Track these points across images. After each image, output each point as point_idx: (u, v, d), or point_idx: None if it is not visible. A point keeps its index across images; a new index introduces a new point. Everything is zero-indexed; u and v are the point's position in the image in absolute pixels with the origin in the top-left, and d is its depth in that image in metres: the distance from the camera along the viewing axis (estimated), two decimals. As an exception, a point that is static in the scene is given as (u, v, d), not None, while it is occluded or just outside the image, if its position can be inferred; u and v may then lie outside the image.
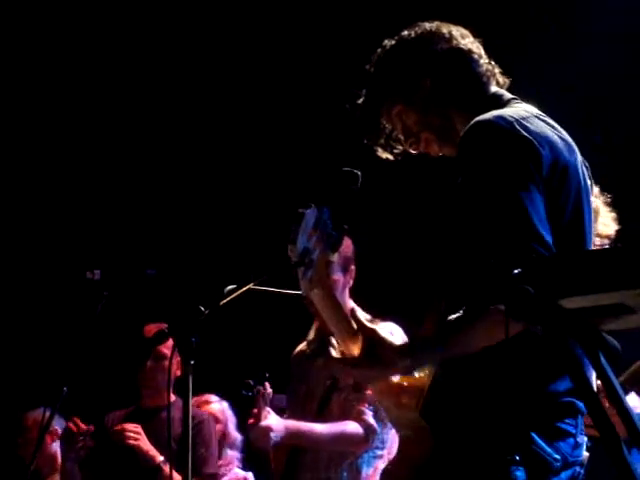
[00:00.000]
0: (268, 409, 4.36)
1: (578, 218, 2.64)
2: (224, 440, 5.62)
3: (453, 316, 2.60)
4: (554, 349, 1.96)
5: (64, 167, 7.39)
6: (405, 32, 2.93)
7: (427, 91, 2.85)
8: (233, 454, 5.69)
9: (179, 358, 4.89)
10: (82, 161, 7.37)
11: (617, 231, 3.87)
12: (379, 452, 4.46)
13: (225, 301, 3.25)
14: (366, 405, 4.36)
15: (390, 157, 2.99)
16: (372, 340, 2.71)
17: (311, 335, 4.67)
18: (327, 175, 3.03)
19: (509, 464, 2.53)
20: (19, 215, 7.45)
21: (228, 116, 7.13)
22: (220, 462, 5.44)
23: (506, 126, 2.59)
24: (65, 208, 7.41)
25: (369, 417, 4.38)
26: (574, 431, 2.63)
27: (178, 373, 4.72)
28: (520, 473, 2.52)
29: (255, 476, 5.77)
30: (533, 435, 2.55)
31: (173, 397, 4.42)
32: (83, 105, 7.29)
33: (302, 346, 4.71)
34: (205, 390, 5.63)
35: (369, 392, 4.22)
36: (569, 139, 2.73)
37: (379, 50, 2.95)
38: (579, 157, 2.74)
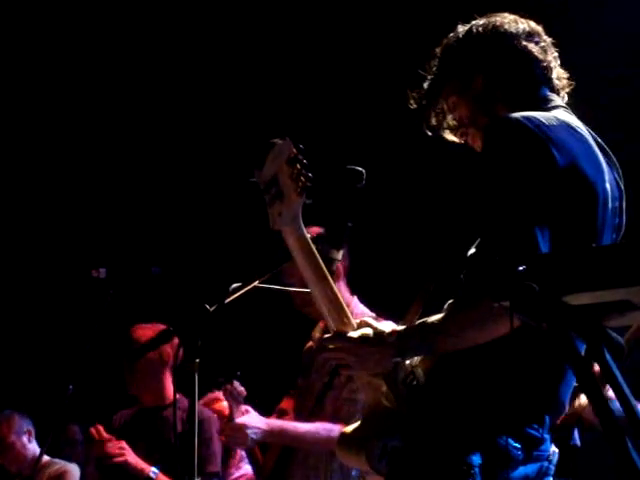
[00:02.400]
0: (246, 408, 4.34)
1: (599, 229, 2.63)
2: None
3: (450, 301, 2.63)
4: (557, 345, 1.96)
5: (70, 166, 7.40)
6: (474, 23, 2.91)
7: (478, 89, 2.85)
8: (242, 452, 5.69)
9: (169, 350, 4.93)
10: (88, 160, 7.38)
11: None
12: None
13: (230, 299, 3.25)
14: (357, 406, 4.36)
15: (454, 139, 2.97)
16: (364, 323, 2.78)
17: (317, 332, 4.67)
18: (332, 173, 3.03)
19: (465, 450, 2.56)
20: (25, 214, 7.47)
21: (232, 114, 7.14)
22: (232, 460, 5.44)
23: (526, 125, 2.59)
24: (71, 207, 7.42)
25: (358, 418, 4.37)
26: (538, 429, 2.66)
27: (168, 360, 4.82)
28: (476, 457, 2.56)
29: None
30: (495, 427, 2.58)
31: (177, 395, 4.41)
32: (90, 105, 7.30)
33: (311, 342, 4.71)
34: (208, 387, 5.63)
35: (362, 396, 4.24)
36: (603, 162, 2.70)
37: (450, 35, 2.93)
38: (612, 182, 2.71)
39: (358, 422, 2.93)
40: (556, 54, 2.90)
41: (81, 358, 4.61)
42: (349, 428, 2.94)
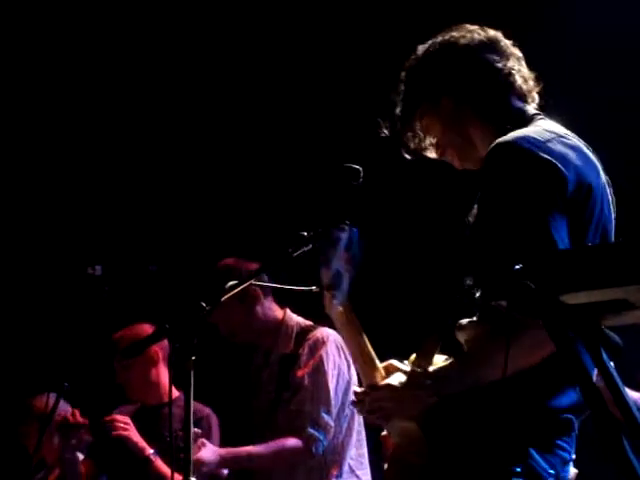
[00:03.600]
0: (202, 441, 4.44)
1: (603, 239, 2.63)
2: None
3: (464, 321, 2.60)
4: (556, 352, 1.96)
5: (65, 163, 7.38)
6: (431, 42, 2.88)
7: (447, 110, 2.82)
8: None
9: (156, 348, 4.93)
10: (83, 157, 7.37)
11: None
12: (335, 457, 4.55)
13: (227, 297, 3.25)
14: (306, 416, 4.42)
15: (436, 156, 2.95)
16: (392, 368, 2.78)
17: (260, 355, 4.75)
18: (329, 171, 3.03)
19: (510, 475, 2.53)
20: (20, 210, 7.45)
21: (229, 112, 7.13)
22: None
23: (528, 148, 2.56)
24: (66, 203, 7.41)
25: (308, 428, 4.42)
26: (569, 448, 2.65)
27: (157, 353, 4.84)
28: None
29: None
30: (531, 450, 2.55)
31: (177, 393, 4.42)
32: (84, 102, 7.29)
33: (255, 363, 4.79)
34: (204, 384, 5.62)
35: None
36: (594, 159, 2.70)
37: (411, 57, 2.91)
38: (603, 177, 2.71)
39: (391, 471, 2.90)
40: (519, 55, 2.85)
41: (76, 356, 4.60)
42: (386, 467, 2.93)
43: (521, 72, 2.83)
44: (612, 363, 1.97)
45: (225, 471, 5.43)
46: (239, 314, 4.60)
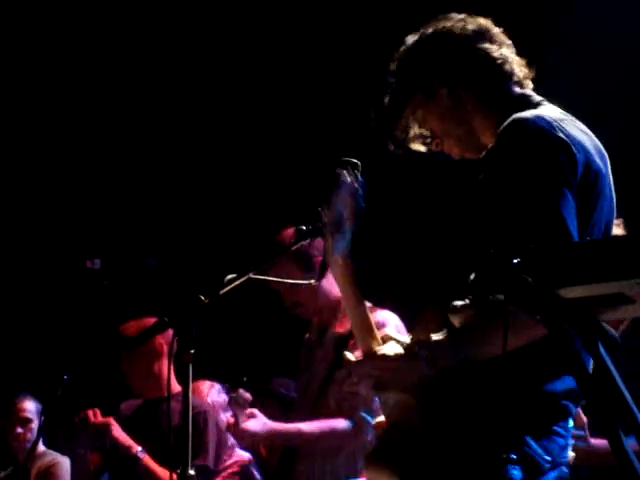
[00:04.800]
0: (251, 411, 4.39)
1: (608, 225, 2.64)
2: None
3: (459, 303, 2.59)
4: (553, 343, 1.96)
5: (65, 157, 7.39)
6: (422, 32, 2.84)
7: (445, 100, 2.80)
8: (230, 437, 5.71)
9: (161, 340, 4.93)
10: (83, 151, 7.37)
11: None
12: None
13: (225, 290, 3.25)
14: (359, 399, 4.36)
15: (422, 149, 2.92)
16: (388, 338, 2.77)
17: (312, 331, 4.67)
18: (327, 165, 3.03)
19: (506, 463, 2.53)
20: (20, 204, 7.46)
21: (227, 107, 7.13)
22: (223, 448, 5.45)
23: (545, 126, 2.56)
24: (65, 197, 7.41)
25: (360, 411, 4.37)
26: (565, 434, 2.65)
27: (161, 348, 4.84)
28: (517, 472, 2.54)
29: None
30: (526, 437, 2.56)
31: (178, 387, 4.42)
32: (83, 96, 7.29)
33: (308, 335, 4.71)
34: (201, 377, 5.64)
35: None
36: (601, 146, 2.70)
37: (401, 48, 2.86)
38: (609, 164, 2.71)
39: (386, 441, 2.90)
40: (509, 42, 2.83)
41: (76, 349, 4.61)
42: (377, 449, 2.93)
43: (515, 59, 2.82)
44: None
45: (247, 456, 5.43)
46: (307, 285, 4.42)
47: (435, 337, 2.66)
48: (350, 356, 2.85)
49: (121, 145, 7.36)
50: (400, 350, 2.71)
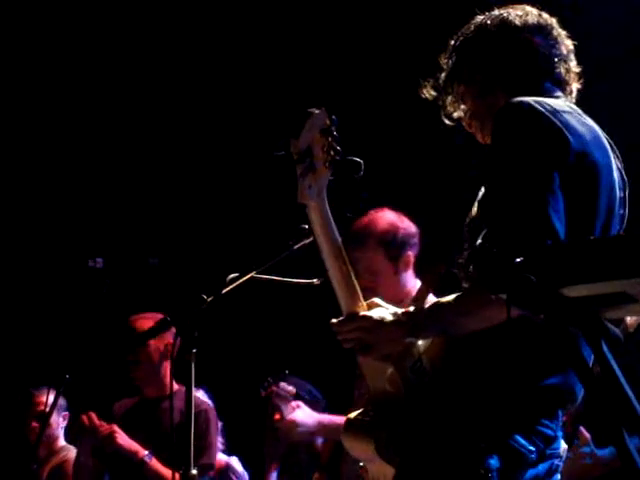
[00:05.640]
0: (297, 403, 4.40)
1: (608, 219, 2.63)
2: None
3: (450, 297, 2.62)
4: (554, 337, 1.96)
5: (67, 156, 7.39)
6: (485, 16, 2.91)
7: (480, 82, 2.85)
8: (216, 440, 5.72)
9: (171, 339, 4.91)
10: (85, 150, 7.37)
11: None
12: None
13: (227, 289, 3.25)
14: None
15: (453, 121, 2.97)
16: (374, 304, 2.78)
17: None
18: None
19: (484, 452, 2.54)
20: (22, 203, 7.46)
21: (229, 105, 7.13)
22: None
23: (540, 109, 2.59)
24: (68, 196, 7.42)
25: None
26: (552, 426, 2.65)
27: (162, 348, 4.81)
28: (494, 461, 2.55)
29: (242, 460, 5.82)
30: (509, 428, 2.57)
31: (177, 386, 4.42)
32: (85, 97, 7.30)
33: None
34: (206, 378, 5.64)
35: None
36: (606, 143, 2.71)
37: (464, 28, 2.93)
38: (615, 162, 2.71)
39: (361, 409, 2.92)
40: (571, 47, 2.87)
41: (78, 348, 4.61)
42: (353, 415, 2.93)
43: (566, 63, 2.85)
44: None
45: (225, 460, 5.43)
46: (388, 273, 4.36)
47: (417, 306, 2.69)
48: (334, 320, 2.82)
49: (123, 144, 7.36)
50: (386, 315, 2.72)
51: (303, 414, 4.36)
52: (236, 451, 5.99)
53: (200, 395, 5.73)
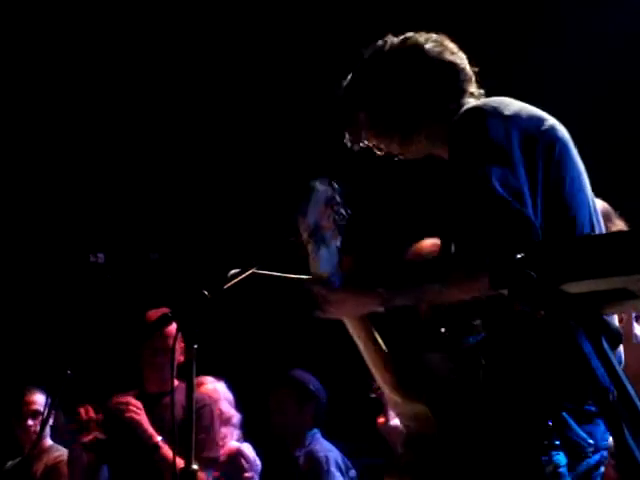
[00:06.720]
0: None
1: (575, 185, 2.65)
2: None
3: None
4: (556, 333, 1.97)
5: (68, 151, 7.40)
6: (378, 47, 2.95)
7: (386, 119, 2.89)
8: (227, 430, 5.70)
9: (183, 344, 4.90)
10: (86, 145, 7.38)
11: None
12: None
13: (229, 285, 3.25)
14: None
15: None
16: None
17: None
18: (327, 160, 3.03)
19: (549, 448, 2.53)
20: (23, 199, 7.47)
21: (228, 101, 7.13)
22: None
23: (489, 108, 2.66)
24: (69, 191, 7.42)
25: None
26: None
27: (181, 359, 4.72)
28: (561, 457, 2.53)
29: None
30: (567, 419, 2.55)
31: (177, 382, 4.42)
32: (85, 93, 7.30)
33: None
34: (208, 372, 5.64)
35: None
36: (558, 125, 2.74)
37: (357, 64, 2.98)
38: (566, 134, 2.75)
39: (407, 453, 2.90)
40: (463, 56, 2.90)
41: (79, 344, 4.61)
42: (398, 461, 2.93)
43: (464, 71, 2.88)
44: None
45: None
46: None
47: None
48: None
49: (124, 140, 7.36)
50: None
51: None
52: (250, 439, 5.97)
53: (220, 387, 5.74)
